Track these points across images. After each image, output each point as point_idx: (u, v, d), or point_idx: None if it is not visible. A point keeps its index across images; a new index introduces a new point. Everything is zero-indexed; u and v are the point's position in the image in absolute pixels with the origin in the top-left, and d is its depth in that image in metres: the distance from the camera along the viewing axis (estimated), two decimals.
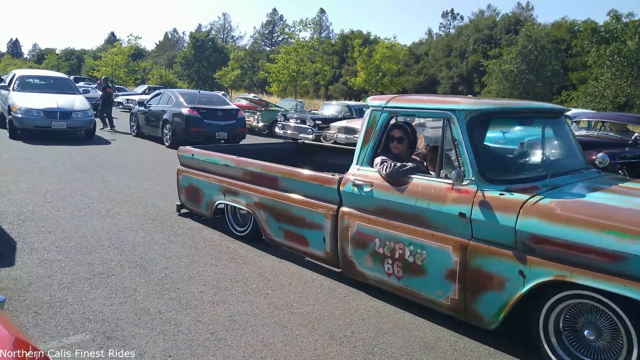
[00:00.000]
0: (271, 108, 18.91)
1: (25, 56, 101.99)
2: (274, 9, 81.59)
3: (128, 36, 55.34)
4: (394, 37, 32.49)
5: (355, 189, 3.72)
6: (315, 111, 18.32)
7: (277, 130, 16.01)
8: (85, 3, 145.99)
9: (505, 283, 2.90)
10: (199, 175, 5.31)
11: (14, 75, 13.35)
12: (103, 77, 18.46)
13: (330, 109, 17.11)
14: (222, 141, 12.33)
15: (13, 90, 12.34)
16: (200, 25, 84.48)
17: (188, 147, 5.63)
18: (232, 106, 13.59)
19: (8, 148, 10.28)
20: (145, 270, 4.03)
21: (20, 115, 11.28)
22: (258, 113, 17.37)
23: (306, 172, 4.27)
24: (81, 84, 27.30)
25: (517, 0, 59.42)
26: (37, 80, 13.60)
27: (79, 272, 3.90)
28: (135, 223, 5.37)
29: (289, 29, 34.98)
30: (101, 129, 14.50)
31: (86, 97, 13.57)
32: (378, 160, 3.66)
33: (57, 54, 66.79)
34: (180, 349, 2.88)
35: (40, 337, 2.90)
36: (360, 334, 3.18)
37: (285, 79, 32.59)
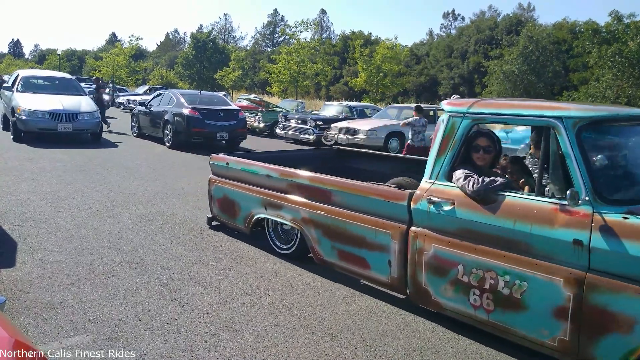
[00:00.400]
0: (272, 109, 18.91)
1: (26, 57, 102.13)
2: (275, 10, 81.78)
3: (129, 37, 55.46)
4: (395, 38, 32.61)
5: (432, 206, 3.23)
6: (316, 112, 18.32)
7: (278, 130, 16.01)
8: (86, 3, 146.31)
9: (635, 325, 2.42)
10: (235, 186, 4.89)
11: (18, 75, 12.97)
12: (94, 77, 18.01)
13: (331, 109, 17.12)
14: (223, 142, 12.35)
15: (17, 91, 11.90)
16: (201, 25, 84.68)
17: (222, 155, 5.21)
18: (233, 107, 13.59)
19: (9, 148, 10.29)
20: (146, 271, 4.02)
21: (24, 117, 10.85)
22: (259, 114, 17.37)
23: (368, 185, 3.80)
24: (82, 84, 27.29)
25: (518, 0, 59.48)
26: (41, 81, 13.20)
27: (80, 273, 3.89)
28: (136, 224, 5.36)
29: (290, 30, 35.01)
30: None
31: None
32: (460, 174, 3.17)
33: (59, 55, 66.86)
34: (181, 350, 2.87)
35: (41, 338, 2.89)
36: (362, 336, 3.17)
37: (286, 80, 32.60)
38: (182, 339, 3.00)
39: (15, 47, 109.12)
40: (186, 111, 11.86)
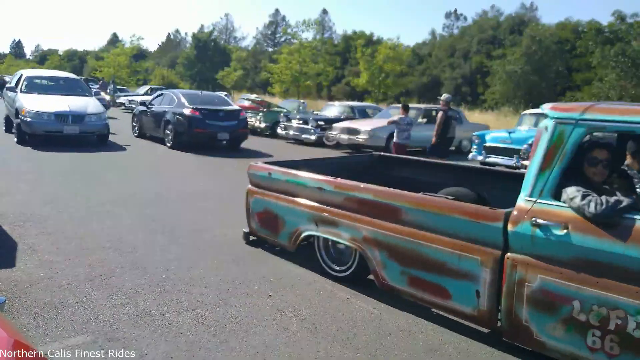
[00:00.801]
0: (273, 109, 18.89)
1: (27, 57, 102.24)
2: (277, 10, 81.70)
3: (130, 37, 55.45)
4: (397, 38, 32.69)
5: (538, 230, 2.77)
6: (318, 112, 18.30)
7: (279, 131, 15.99)
8: (87, 4, 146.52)
9: None
10: (279, 198, 4.41)
11: (21, 75, 12.52)
12: (83, 79, 17.49)
13: (333, 109, 17.10)
14: (224, 142, 12.34)
15: (21, 91, 11.50)
16: (202, 26, 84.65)
17: (262, 164, 4.76)
18: (235, 107, 13.58)
19: (12, 151, 10.29)
20: (146, 272, 4.00)
21: (29, 119, 10.44)
22: (260, 114, 17.35)
23: (450, 202, 3.35)
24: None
25: (521, 0, 59.34)
26: (46, 81, 12.77)
27: (80, 274, 3.88)
28: (136, 224, 5.35)
29: (292, 30, 35.03)
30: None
31: None
32: (574, 192, 2.71)
33: (60, 55, 67.14)
34: (181, 351, 2.85)
35: (41, 339, 2.88)
36: (363, 337, 3.15)
37: (288, 80, 32.60)
38: (182, 339, 2.98)
39: (17, 48, 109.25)
40: (187, 111, 11.86)
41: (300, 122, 15.25)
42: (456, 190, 4.16)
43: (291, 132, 15.41)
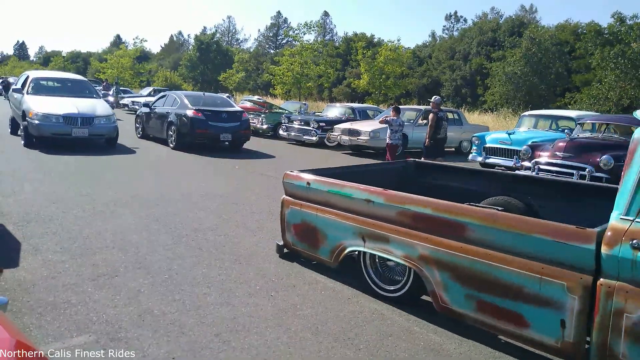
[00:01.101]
0: (275, 110, 18.94)
1: (31, 58, 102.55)
2: (278, 12, 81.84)
3: (134, 39, 55.43)
4: (398, 40, 32.62)
5: (639, 253, 2.49)
6: (319, 113, 18.34)
7: (281, 132, 16.03)
8: (91, 6, 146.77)
9: None
10: (320, 210, 4.07)
11: (28, 77, 12.18)
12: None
13: (334, 111, 17.15)
14: (227, 143, 12.37)
15: (27, 93, 11.21)
16: (205, 28, 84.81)
17: (299, 173, 4.40)
18: (237, 108, 13.62)
19: (19, 154, 10.32)
20: (149, 272, 4.02)
21: (37, 122, 10.17)
22: (262, 115, 17.40)
23: (527, 219, 2.99)
24: None
25: (521, 2, 59.42)
26: (53, 83, 12.46)
27: (83, 273, 3.90)
28: (140, 224, 5.37)
29: (293, 32, 35.06)
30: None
31: None
32: None
33: (63, 56, 67.14)
34: (184, 351, 2.87)
35: (44, 339, 2.90)
36: (365, 337, 3.17)
37: (290, 82, 32.64)
38: (185, 339, 3.00)
39: (20, 49, 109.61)
40: (190, 113, 11.89)
41: (302, 123, 15.29)
42: (504, 200, 3.94)
43: (293, 134, 15.46)
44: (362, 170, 5.37)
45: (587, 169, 8.30)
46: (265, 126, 17.00)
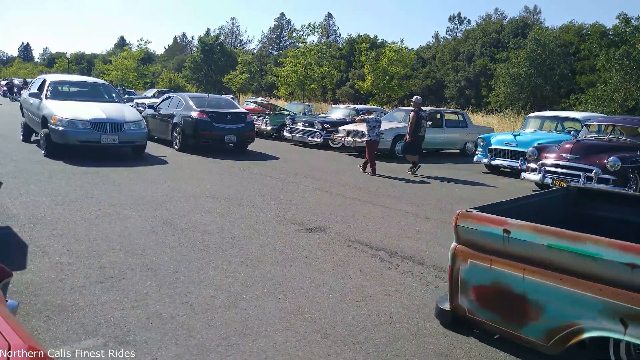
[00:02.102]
0: (279, 111, 18.95)
1: (36, 60, 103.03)
2: (282, 14, 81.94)
3: (138, 40, 55.69)
4: (401, 41, 32.39)
5: None
6: (323, 114, 18.34)
7: (285, 133, 16.04)
8: (95, 8, 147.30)
9: None
10: (530, 272, 2.91)
11: (45, 81, 11.26)
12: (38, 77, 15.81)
13: (338, 112, 17.14)
14: (231, 144, 12.37)
15: (47, 98, 10.35)
16: (209, 29, 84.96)
17: (490, 216, 3.16)
18: (241, 110, 13.62)
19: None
20: (156, 274, 4.02)
21: (61, 128, 9.29)
22: (266, 116, 17.41)
23: None
24: None
25: (525, 3, 59.21)
26: (72, 87, 11.63)
27: (91, 276, 3.90)
28: (146, 226, 5.36)
29: (297, 33, 35.08)
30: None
31: None
32: None
33: (68, 58, 67.43)
34: (192, 354, 2.85)
35: (52, 342, 2.89)
36: (373, 340, 3.15)
37: (293, 83, 32.67)
38: (193, 342, 2.99)
39: (25, 51, 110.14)
40: (195, 114, 11.90)
41: (306, 124, 15.28)
42: None
43: (297, 135, 15.45)
44: (520, 204, 3.94)
45: (593, 171, 8.26)
46: (269, 128, 17.00)
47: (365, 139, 10.77)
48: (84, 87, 11.73)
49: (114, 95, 11.57)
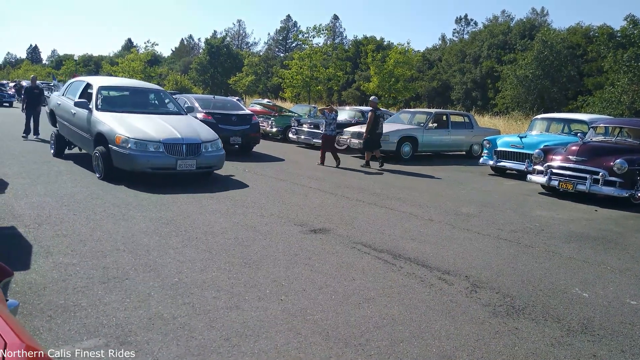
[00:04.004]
0: (285, 113, 18.98)
1: (44, 62, 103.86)
2: (288, 16, 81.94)
3: (145, 42, 55.91)
4: (407, 43, 32.41)
5: None
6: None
7: (290, 135, 16.06)
8: (103, 10, 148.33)
9: None
10: None
11: (88, 85, 9.10)
12: (32, 76, 14.13)
13: (344, 114, 17.14)
14: (237, 146, 12.39)
15: (99, 109, 8.32)
16: (215, 31, 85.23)
17: None
18: (247, 111, 13.65)
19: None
20: (159, 275, 4.02)
21: (129, 152, 7.34)
22: (272, 118, 17.44)
23: None
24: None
25: (532, 5, 58.93)
26: (123, 94, 9.55)
27: (94, 276, 3.91)
28: (150, 227, 5.38)
29: (303, 35, 35.13)
30: (25, 138, 12.62)
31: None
32: None
33: (75, 60, 67.88)
34: (193, 355, 2.85)
35: (54, 342, 2.90)
36: (376, 342, 3.13)
37: (299, 85, 32.70)
38: (194, 343, 2.98)
39: (33, 53, 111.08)
40: (200, 115, 11.92)
41: (311, 126, 15.28)
42: None
43: (302, 137, 15.46)
44: None
45: (600, 173, 8.20)
46: (274, 129, 17.02)
47: (322, 132, 11.84)
48: (139, 94, 9.76)
49: (172, 103, 9.62)
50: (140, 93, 9.86)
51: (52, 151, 10.20)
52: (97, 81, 9.24)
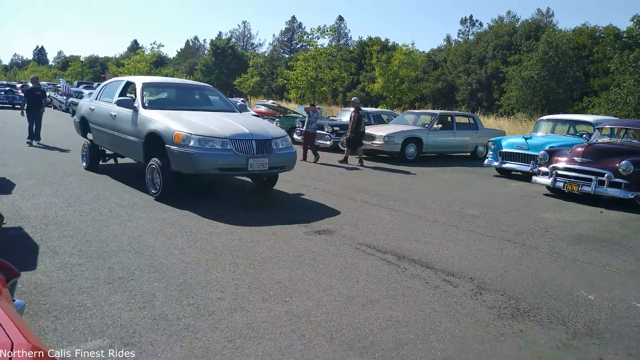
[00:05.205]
0: (289, 114, 18.99)
1: (50, 63, 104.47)
2: (293, 17, 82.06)
3: (150, 44, 56.34)
4: (412, 44, 32.42)
5: None
6: (334, 117, 18.33)
7: (295, 136, 16.06)
8: (109, 12, 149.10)
9: None
10: None
11: (131, 84, 8.27)
12: (32, 77, 13.35)
13: (348, 115, 17.09)
14: None
15: (146, 107, 7.34)
16: (220, 33, 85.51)
17: None
18: (252, 112, 13.66)
19: (32, 152, 10.42)
20: (164, 275, 4.03)
21: (192, 150, 6.32)
22: (277, 119, 17.46)
23: None
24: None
25: (537, 6, 58.71)
26: (169, 92, 8.66)
27: (99, 277, 3.92)
28: (156, 228, 5.40)
29: (308, 37, 35.15)
30: (30, 144, 11.86)
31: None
32: None
33: (81, 61, 68.24)
34: (197, 357, 2.86)
35: (59, 342, 2.91)
36: (380, 345, 3.12)
37: (304, 86, 32.71)
38: (198, 344, 2.99)
39: (40, 54, 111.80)
40: None
41: (314, 127, 15.28)
42: None
43: None
44: None
45: (605, 175, 8.16)
46: None
47: (304, 129, 12.49)
48: (185, 90, 8.92)
49: (222, 101, 8.73)
50: (187, 90, 9.03)
51: (83, 164, 9.03)
52: (139, 79, 8.31)
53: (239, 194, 7.63)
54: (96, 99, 9.03)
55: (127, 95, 8.22)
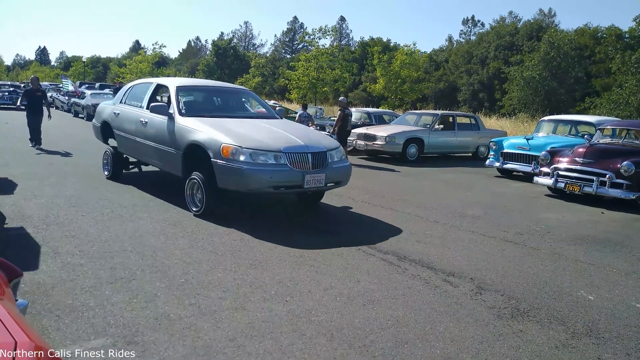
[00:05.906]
0: (291, 115, 19.02)
1: (52, 63, 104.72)
2: (295, 17, 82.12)
3: (152, 44, 56.45)
4: (414, 44, 32.42)
5: None
6: (334, 118, 18.33)
7: None
8: (111, 12, 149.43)
9: None
10: None
11: (160, 87, 7.53)
12: (32, 77, 12.75)
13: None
14: None
15: (183, 114, 6.56)
16: (222, 33, 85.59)
17: None
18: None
19: (34, 152, 10.45)
20: (165, 275, 4.06)
21: (243, 167, 5.55)
22: None
23: None
24: (106, 90, 27.95)
25: (539, 6, 58.66)
26: (205, 95, 7.83)
27: (101, 276, 3.95)
28: (157, 228, 5.42)
29: (309, 37, 35.17)
30: (33, 146, 11.48)
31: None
32: None
33: (84, 62, 68.37)
34: (199, 355, 2.88)
35: (62, 341, 2.94)
36: (380, 344, 3.14)
37: (305, 86, 32.74)
38: (200, 343, 3.01)
39: (42, 54, 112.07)
40: None
41: (317, 128, 15.29)
42: None
43: None
44: None
45: (607, 175, 8.17)
46: None
47: None
48: (223, 94, 8.09)
49: (261, 106, 8.25)
50: (225, 94, 8.15)
51: (105, 173, 8.26)
52: (172, 81, 7.43)
53: (240, 196, 7.65)
54: (120, 102, 8.16)
55: (160, 97, 7.66)
